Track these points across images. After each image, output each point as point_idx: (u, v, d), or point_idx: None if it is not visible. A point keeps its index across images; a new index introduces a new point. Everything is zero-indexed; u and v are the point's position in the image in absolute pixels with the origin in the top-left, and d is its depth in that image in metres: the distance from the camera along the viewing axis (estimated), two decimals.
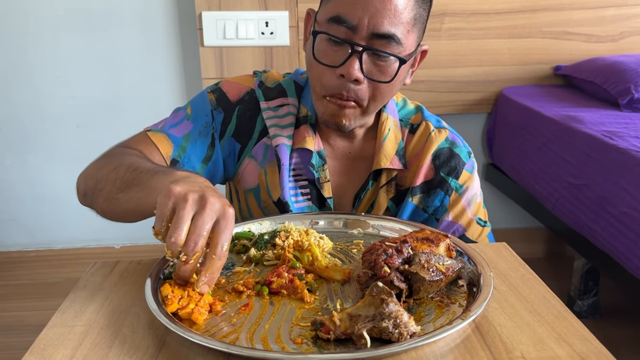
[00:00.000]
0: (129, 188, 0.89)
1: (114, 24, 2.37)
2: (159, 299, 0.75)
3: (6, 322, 2.29)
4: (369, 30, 0.94)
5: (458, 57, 2.45)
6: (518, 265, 0.89)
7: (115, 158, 0.99)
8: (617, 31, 2.49)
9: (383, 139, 1.12)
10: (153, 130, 1.11)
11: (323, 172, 1.12)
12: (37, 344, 0.70)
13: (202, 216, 0.72)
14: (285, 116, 1.12)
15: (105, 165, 0.98)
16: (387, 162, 1.11)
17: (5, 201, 2.55)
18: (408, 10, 0.95)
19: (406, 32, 0.96)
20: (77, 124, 2.48)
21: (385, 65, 0.98)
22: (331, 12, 0.96)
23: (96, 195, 0.97)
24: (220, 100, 1.13)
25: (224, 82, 1.16)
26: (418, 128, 1.15)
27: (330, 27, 0.96)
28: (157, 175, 0.85)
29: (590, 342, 0.69)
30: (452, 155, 1.13)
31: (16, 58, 2.38)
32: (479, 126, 2.64)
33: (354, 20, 0.94)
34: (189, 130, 1.11)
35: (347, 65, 0.96)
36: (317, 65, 1.00)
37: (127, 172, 0.91)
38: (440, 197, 1.12)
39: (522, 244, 1.70)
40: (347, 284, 0.83)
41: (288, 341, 0.69)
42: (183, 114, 1.14)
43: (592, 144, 1.83)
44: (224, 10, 2.27)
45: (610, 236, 1.71)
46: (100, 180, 0.96)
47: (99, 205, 0.98)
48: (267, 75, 1.17)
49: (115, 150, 1.06)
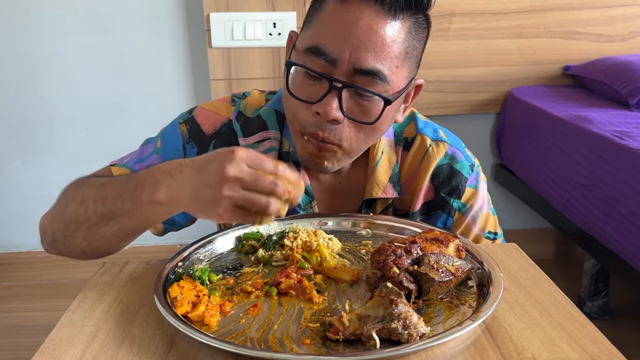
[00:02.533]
0: (110, 220, 0.82)
1: (122, 25, 2.38)
2: (168, 300, 0.76)
3: (16, 323, 2.30)
4: (350, 65, 0.83)
5: (466, 57, 2.44)
6: (528, 266, 0.89)
7: (76, 194, 0.89)
8: (626, 31, 2.47)
9: (375, 165, 1.02)
10: (118, 165, 1.05)
11: (311, 210, 1.04)
12: (46, 345, 0.70)
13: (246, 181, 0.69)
14: (266, 152, 1.01)
15: (68, 205, 0.88)
16: (380, 191, 1.01)
17: (14, 202, 2.57)
18: (398, 43, 0.84)
19: (394, 67, 0.85)
20: (86, 126, 2.49)
21: (369, 104, 0.87)
22: (310, 41, 0.86)
23: (70, 237, 0.89)
24: (193, 133, 1.03)
25: (198, 111, 1.06)
26: (413, 143, 1.04)
27: (308, 59, 0.86)
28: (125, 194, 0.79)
29: (602, 343, 0.69)
30: (453, 173, 1.03)
31: (24, 60, 2.39)
32: (488, 127, 2.62)
33: (333, 52, 0.83)
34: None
35: (324, 102, 0.85)
36: (293, 100, 0.89)
37: (97, 205, 0.83)
38: (442, 218, 1.05)
39: (532, 245, 1.69)
40: (356, 284, 0.83)
41: (297, 342, 0.68)
42: (152, 147, 1.05)
43: (602, 144, 1.82)
44: (232, 12, 2.28)
45: (620, 237, 1.70)
46: (70, 221, 0.87)
47: (77, 248, 0.90)
48: (246, 102, 1.05)
49: (70, 186, 0.95)
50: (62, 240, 0.90)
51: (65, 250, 0.92)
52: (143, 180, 0.78)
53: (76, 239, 0.88)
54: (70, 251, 0.92)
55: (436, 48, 2.38)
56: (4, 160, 2.52)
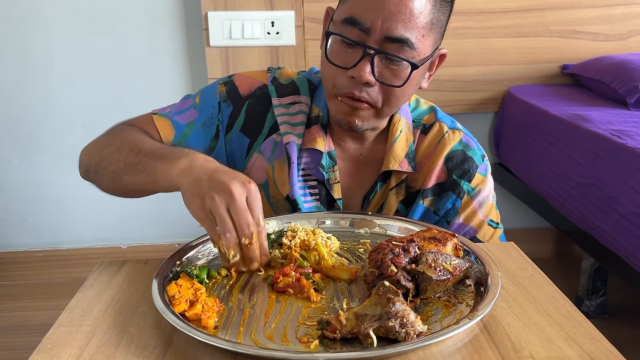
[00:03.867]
0: (133, 172, 0.94)
1: (120, 24, 2.38)
2: (166, 298, 0.75)
3: (13, 322, 2.30)
4: (382, 34, 0.93)
5: (465, 56, 2.44)
6: (526, 265, 0.89)
7: (119, 137, 1.03)
8: (625, 30, 2.47)
9: (394, 140, 1.10)
10: (159, 114, 1.14)
11: (333, 173, 1.11)
12: (44, 344, 0.70)
13: (235, 205, 0.79)
14: (296, 114, 1.11)
15: (109, 144, 1.02)
16: (396, 164, 1.10)
17: (12, 201, 2.56)
18: (424, 14, 0.94)
19: (421, 36, 0.95)
20: (84, 125, 2.48)
21: (398, 69, 0.96)
22: (346, 13, 0.96)
23: (100, 174, 1.02)
24: (231, 93, 1.13)
25: (237, 76, 1.16)
26: (431, 129, 1.13)
27: (344, 29, 0.96)
28: (160, 162, 0.90)
29: (600, 341, 0.69)
30: (466, 157, 1.11)
31: (23, 59, 2.38)
32: (486, 125, 2.62)
33: (367, 22, 0.93)
34: (193, 118, 1.13)
35: (358, 67, 0.95)
36: (330, 66, 0.99)
37: (130, 154, 0.95)
38: (452, 199, 1.11)
39: (530, 244, 1.69)
40: (354, 283, 0.83)
41: (294, 340, 0.68)
42: (191, 102, 1.15)
43: (600, 143, 1.82)
44: (230, 10, 2.27)
45: (619, 235, 1.70)
46: (104, 159, 1.00)
47: (103, 183, 1.03)
48: (281, 72, 1.16)
49: (119, 127, 1.10)
50: (94, 172, 1.04)
51: (95, 181, 1.06)
52: (172, 153, 0.90)
53: (104, 176, 1.01)
54: (98, 183, 1.06)
55: None
56: (3, 159, 2.51)
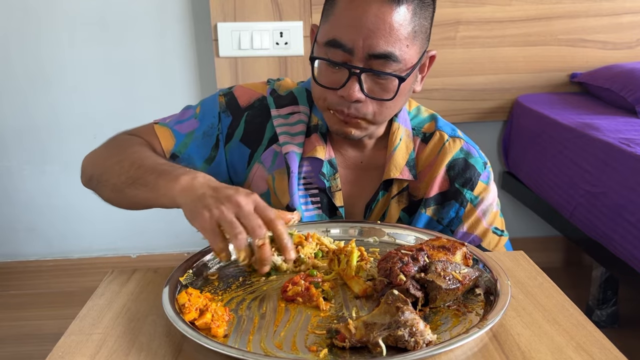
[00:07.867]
0: (135, 186, 0.94)
1: (131, 35, 2.40)
2: (176, 307, 0.76)
3: (24, 331, 2.31)
4: (364, 52, 0.93)
5: (473, 65, 2.44)
6: (536, 274, 0.89)
7: (121, 149, 1.05)
8: (633, 38, 2.46)
9: (393, 149, 1.11)
10: (160, 124, 1.16)
11: (334, 181, 1.11)
12: (55, 352, 0.71)
13: (243, 211, 0.79)
14: (296, 124, 1.12)
15: (111, 156, 1.03)
16: (397, 172, 1.10)
17: (23, 211, 2.58)
18: (405, 25, 0.94)
19: (405, 47, 0.95)
20: (94, 135, 2.50)
21: (386, 82, 0.97)
22: (327, 35, 0.97)
23: (102, 185, 1.03)
24: (230, 104, 1.15)
25: (237, 87, 1.18)
26: (431, 137, 1.13)
27: (328, 51, 0.97)
28: (161, 177, 0.90)
29: (610, 351, 0.68)
30: (467, 166, 1.11)
31: (33, 69, 2.41)
32: (495, 134, 2.62)
33: (349, 43, 0.94)
34: (193, 128, 1.14)
35: (347, 87, 0.96)
36: (319, 87, 1.01)
37: (132, 168, 0.96)
38: (455, 208, 1.11)
39: (540, 253, 1.68)
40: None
41: (303, 349, 0.69)
42: (192, 112, 1.17)
43: (609, 152, 1.81)
44: (239, 22, 2.29)
45: (629, 244, 1.69)
46: (106, 171, 1.02)
47: (105, 195, 1.04)
48: (280, 84, 1.17)
49: (121, 137, 1.12)
50: (96, 182, 1.05)
51: (97, 191, 1.06)
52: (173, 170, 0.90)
53: (106, 188, 1.02)
54: (99, 193, 1.06)
55: (442, 56, 2.38)
56: (13, 169, 2.53)
